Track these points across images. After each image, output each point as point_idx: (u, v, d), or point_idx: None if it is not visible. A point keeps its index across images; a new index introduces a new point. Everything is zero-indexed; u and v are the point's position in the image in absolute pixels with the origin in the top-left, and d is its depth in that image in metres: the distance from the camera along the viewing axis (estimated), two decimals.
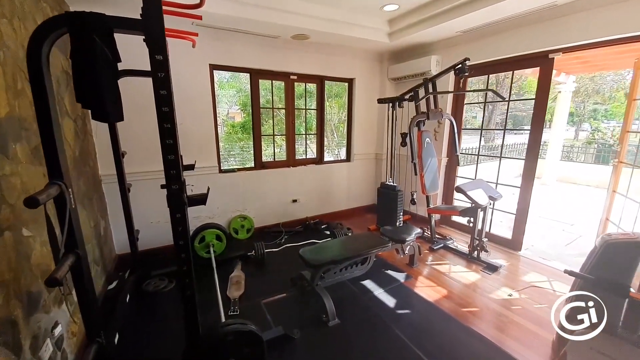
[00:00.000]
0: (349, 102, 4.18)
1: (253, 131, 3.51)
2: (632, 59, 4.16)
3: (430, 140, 3.34)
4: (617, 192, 2.95)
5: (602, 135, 13.95)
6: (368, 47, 3.77)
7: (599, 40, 2.37)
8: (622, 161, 2.95)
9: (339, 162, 4.25)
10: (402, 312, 2.21)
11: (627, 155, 2.97)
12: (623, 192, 2.90)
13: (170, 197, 1.29)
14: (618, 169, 2.97)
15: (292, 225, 3.81)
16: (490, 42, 3.07)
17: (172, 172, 1.26)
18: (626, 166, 2.99)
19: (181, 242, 1.34)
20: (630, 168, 2.98)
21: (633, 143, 2.91)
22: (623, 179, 2.95)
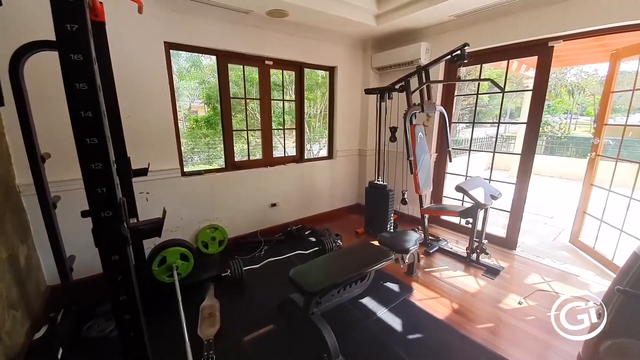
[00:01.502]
0: (331, 93, 3.77)
1: (222, 126, 2.96)
2: (603, 54, 4.28)
3: (422, 134, 3.06)
4: (594, 185, 2.92)
5: (551, 129, 15.06)
6: (352, 32, 3.38)
7: (605, 27, 2.20)
8: (599, 154, 2.91)
9: (320, 159, 3.84)
10: (413, 338, 1.88)
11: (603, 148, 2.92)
12: (599, 185, 2.88)
13: (98, 232, 0.79)
14: (595, 162, 2.93)
15: (272, 232, 3.34)
16: (485, 29, 2.84)
17: (99, 191, 0.76)
18: (603, 159, 2.96)
19: (123, 298, 0.86)
20: (606, 161, 2.96)
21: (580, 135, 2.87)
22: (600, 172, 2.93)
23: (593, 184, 2.94)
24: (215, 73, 2.93)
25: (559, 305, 1.24)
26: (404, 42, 3.42)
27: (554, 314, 1.56)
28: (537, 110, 2.79)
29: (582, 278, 2.57)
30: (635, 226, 2.50)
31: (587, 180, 2.98)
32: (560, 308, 1.56)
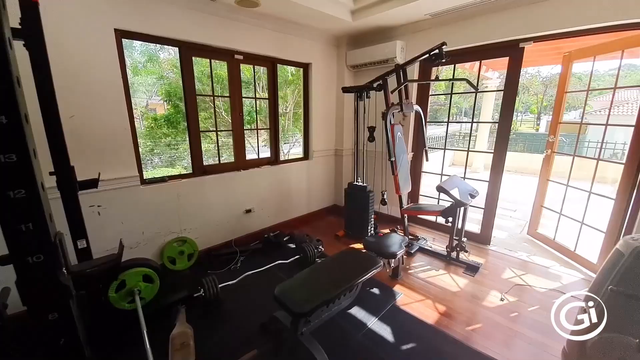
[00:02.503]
0: (305, 92, 3.60)
1: (188, 127, 2.65)
2: (555, 56, 4.62)
3: (401, 134, 3.02)
4: (550, 180, 3.09)
5: None
6: (327, 27, 3.24)
7: (574, 29, 2.30)
8: (554, 151, 3.10)
9: (296, 161, 3.66)
10: (407, 348, 1.80)
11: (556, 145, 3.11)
12: (555, 179, 3.05)
13: (25, 283, 0.56)
14: (551, 158, 3.12)
15: (247, 241, 3.10)
16: (459, 29, 2.86)
17: (22, 228, 0.53)
18: (558, 155, 3.17)
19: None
20: (561, 156, 3.17)
21: (526, 131, 3.12)
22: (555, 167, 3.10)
23: (549, 179, 3.11)
24: (176, 68, 2.61)
25: (558, 306, 1.22)
26: (379, 39, 3.36)
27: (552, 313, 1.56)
28: (508, 108, 2.87)
29: (552, 270, 2.71)
30: (595, 218, 2.68)
31: (543, 176, 3.14)
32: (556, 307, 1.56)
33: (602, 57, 2.61)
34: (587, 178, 2.74)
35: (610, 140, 8.36)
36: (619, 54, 2.38)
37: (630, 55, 2.69)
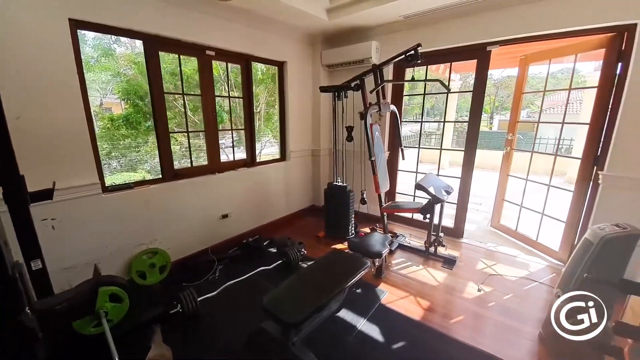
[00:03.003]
0: (281, 91, 3.51)
1: (156, 128, 2.44)
2: (510, 60, 4.98)
3: (379, 134, 3.05)
4: (510, 175, 3.31)
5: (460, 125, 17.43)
6: (303, 25, 3.17)
7: (537, 34, 2.46)
8: (513, 148, 3.36)
9: (273, 162, 3.55)
10: (398, 347, 1.81)
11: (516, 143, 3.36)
12: (515, 174, 3.27)
13: None
14: (510, 155, 3.36)
15: (225, 248, 2.94)
16: (432, 31, 2.95)
17: None
18: (517, 151, 3.42)
19: None
20: (520, 153, 3.42)
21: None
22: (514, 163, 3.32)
23: (509, 174, 3.33)
24: (135, 64, 2.40)
25: (559, 305, 1.26)
26: (354, 39, 3.37)
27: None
28: (477, 108, 3.03)
29: (519, 259, 2.90)
30: (554, 209, 2.92)
31: (503, 171, 3.35)
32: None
33: (556, 60, 2.85)
34: (540, 172, 2.97)
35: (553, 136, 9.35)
36: (573, 58, 2.61)
37: (583, 59, 2.95)
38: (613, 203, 2.24)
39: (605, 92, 2.29)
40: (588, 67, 6.09)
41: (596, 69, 5.89)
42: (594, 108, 2.40)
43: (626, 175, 2.15)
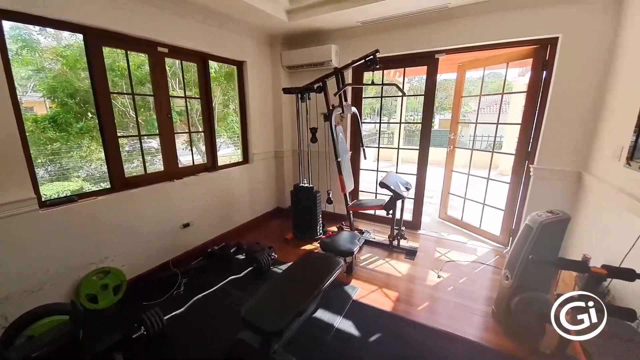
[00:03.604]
0: (241, 91, 3.38)
1: (102, 132, 2.17)
2: (450, 65, 5.49)
3: (342, 134, 3.14)
4: (454, 170, 3.65)
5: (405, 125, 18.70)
6: (263, 25, 3.10)
7: (477, 44, 2.76)
8: (456, 146, 3.74)
9: (236, 165, 3.41)
10: (374, 339, 1.90)
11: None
12: (458, 170, 3.62)
13: None
14: (453, 152, 3.73)
15: (188, 259, 2.75)
16: (387, 38, 3.11)
17: None
18: (459, 149, 3.82)
19: None
20: (461, 150, 3.81)
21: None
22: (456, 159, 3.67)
23: (453, 170, 3.66)
24: (62, 57, 2.12)
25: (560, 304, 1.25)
26: (314, 42, 3.40)
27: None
28: (429, 109, 3.29)
29: (468, 245, 3.24)
30: (493, 199, 3.32)
31: (448, 167, 3.67)
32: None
33: (490, 67, 3.23)
34: (477, 166, 3.36)
35: (485, 134, 10.58)
36: (504, 65, 2.99)
37: (511, 66, 3.38)
38: (543, 192, 2.63)
39: (533, 96, 2.67)
40: (513, 73, 7.02)
41: (520, 75, 6.83)
42: (524, 110, 2.79)
43: (552, 167, 2.55)
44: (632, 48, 1.93)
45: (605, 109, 2.21)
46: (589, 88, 2.29)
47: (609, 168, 2.02)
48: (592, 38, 2.22)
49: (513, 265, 1.90)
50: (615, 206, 1.85)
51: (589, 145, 2.36)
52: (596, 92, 2.27)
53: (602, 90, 2.24)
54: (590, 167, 2.32)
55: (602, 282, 1.39)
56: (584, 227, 2.25)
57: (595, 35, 2.21)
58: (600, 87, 2.25)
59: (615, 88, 2.09)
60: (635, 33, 1.91)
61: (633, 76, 1.84)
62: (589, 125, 2.34)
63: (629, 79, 1.91)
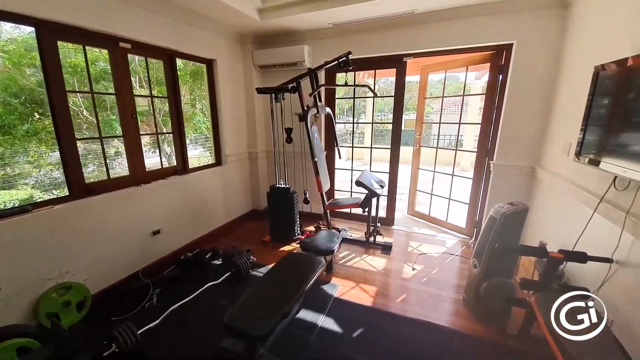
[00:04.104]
0: (211, 91, 3.27)
1: (58, 135, 1.98)
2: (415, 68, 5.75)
3: (317, 134, 3.17)
4: (420, 168, 3.86)
5: None
6: (233, 23, 3.02)
7: (440, 49, 2.94)
8: (421, 145, 3.95)
9: (208, 167, 3.29)
10: (357, 334, 1.95)
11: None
12: (424, 167, 3.82)
13: None
14: (418, 151, 3.93)
15: (160, 268, 2.60)
16: (358, 40, 3.18)
17: None
18: (424, 147, 4.02)
19: None
20: (426, 148, 4.00)
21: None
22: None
23: (419, 168, 3.85)
24: (3, 53, 1.90)
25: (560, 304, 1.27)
26: (287, 42, 3.38)
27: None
28: (398, 109, 3.43)
29: (438, 238, 3.44)
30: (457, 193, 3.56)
31: (414, 165, 3.85)
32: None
33: (451, 70, 3.44)
34: (440, 163, 3.58)
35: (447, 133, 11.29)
36: (464, 69, 3.21)
37: (472, 70, 3.64)
38: (502, 186, 2.87)
39: (491, 98, 2.90)
40: (470, 77, 7.53)
41: (476, 78, 7.35)
42: (483, 111, 3.02)
43: (510, 163, 2.79)
44: (576, 53, 2.17)
45: (554, 109, 2.47)
46: (540, 90, 2.55)
47: (559, 162, 2.26)
48: (543, 44, 2.47)
49: (480, 254, 2.05)
50: (566, 196, 2.08)
51: (541, 142, 2.62)
52: (547, 93, 2.53)
53: (551, 92, 2.50)
54: (543, 162, 2.58)
55: (559, 266, 1.55)
56: (540, 216, 2.49)
57: (545, 41, 2.45)
58: (550, 89, 2.51)
59: (563, 90, 2.34)
60: (579, 38, 2.16)
61: (577, 78, 2.07)
62: (541, 124, 2.60)
63: (574, 81, 2.15)
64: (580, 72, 2.02)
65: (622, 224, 1.44)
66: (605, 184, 1.59)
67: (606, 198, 1.58)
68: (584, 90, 1.70)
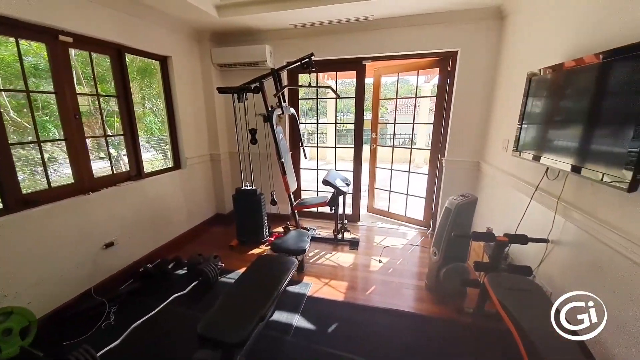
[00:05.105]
0: (167, 90, 3.07)
1: None
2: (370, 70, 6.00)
3: (282, 135, 3.16)
4: (378, 167, 4.06)
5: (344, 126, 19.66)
6: (189, 19, 2.87)
7: (397, 54, 3.12)
8: (378, 145, 4.16)
9: (166, 171, 3.08)
10: (332, 330, 2.00)
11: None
12: (381, 166, 4.04)
13: None
14: (375, 150, 4.12)
15: (116, 283, 2.38)
16: (320, 42, 3.23)
17: None
18: (380, 147, 4.22)
19: None
20: (382, 147, 4.19)
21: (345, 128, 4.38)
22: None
23: (377, 167, 4.03)
24: None
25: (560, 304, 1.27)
26: (248, 41, 3.31)
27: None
28: (360, 110, 3.57)
29: (400, 230, 3.66)
30: (414, 188, 3.82)
31: (372, 165, 4.02)
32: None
33: (403, 74, 3.67)
34: (396, 160, 3.80)
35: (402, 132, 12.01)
36: (416, 73, 3.46)
37: (422, 74, 3.93)
38: (453, 179, 3.16)
39: (441, 100, 3.17)
40: (420, 80, 8.10)
41: (425, 82, 7.92)
42: (435, 112, 3.29)
43: (459, 159, 3.08)
44: (512, 60, 2.48)
45: (495, 110, 2.78)
46: (482, 93, 2.86)
47: (500, 157, 2.57)
48: (483, 51, 2.77)
49: (438, 242, 2.24)
50: (507, 187, 2.37)
51: (484, 139, 2.94)
52: (487, 95, 2.84)
53: (492, 95, 2.82)
54: (487, 157, 2.89)
55: (505, 248, 1.77)
56: (487, 205, 2.80)
57: (485, 49, 2.76)
58: (490, 92, 2.83)
59: (501, 93, 2.65)
60: (514, 47, 2.46)
61: (513, 83, 2.37)
62: (483, 123, 2.92)
63: (510, 85, 2.45)
64: (516, 77, 2.31)
65: (554, 209, 1.70)
66: (539, 175, 1.85)
67: (540, 187, 1.85)
68: (519, 93, 1.96)
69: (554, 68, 1.65)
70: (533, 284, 1.65)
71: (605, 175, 1.24)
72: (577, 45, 1.62)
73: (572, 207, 1.60)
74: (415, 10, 2.74)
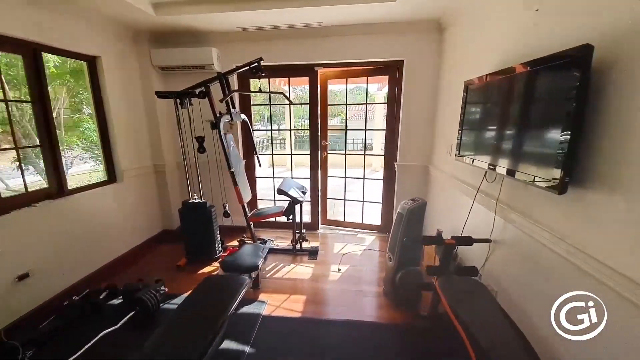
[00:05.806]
0: (96, 94, 2.73)
1: None
2: None
3: (233, 143, 2.99)
4: (330, 176, 3.90)
5: None
6: (121, 16, 2.59)
7: (347, 61, 3.16)
8: (328, 152, 4.10)
9: (96, 186, 2.71)
10: (292, 348, 1.88)
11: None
12: (334, 174, 3.88)
13: None
14: (326, 158, 4.06)
15: (32, 323, 1.99)
16: (270, 47, 3.13)
17: None
18: (331, 154, 4.15)
19: None
20: (336, 155, 4.15)
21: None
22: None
23: (329, 175, 3.85)
24: None
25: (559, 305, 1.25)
26: (193, 42, 3.10)
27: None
28: (314, 117, 3.53)
29: (359, 236, 3.67)
30: (370, 194, 3.88)
31: (322, 173, 3.81)
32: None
33: (352, 80, 3.70)
34: (351, 166, 3.79)
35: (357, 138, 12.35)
36: (365, 80, 3.53)
37: (372, 81, 4.03)
38: (406, 184, 3.26)
39: (392, 106, 3.27)
40: (373, 88, 8.41)
41: (378, 89, 8.25)
42: (387, 118, 3.37)
43: (410, 163, 3.20)
44: (451, 69, 2.62)
45: (438, 117, 2.93)
46: (427, 100, 3.00)
47: (445, 161, 2.69)
48: (426, 61, 2.91)
49: (393, 247, 2.26)
50: (452, 189, 2.48)
51: (431, 144, 3.08)
52: (432, 103, 2.99)
53: (435, 102, 2.97)
54: (434, 161, 3.03)
55: (453, 250, 1.82)
56: (435, 207, 2.92)
57: (427, 59, 2.90)
58: (434, 99, 2.97)
59: (443, 101, 2.80)
60: (453, 57, 2.62)
61: (453, 91, 2.50)
62: (430, 129, 3.06)
63: (451, 93, 2.59)
64: (456, 85, 2.44)
65: (494, 210, 1.79)
66: (480, 177, 1.95)
67: (481, 189, 1.95)
68: (459, 100, 2.06)
69: (487, 77, 1.75)
70: (479, 284, 1.71)
71: (536, 178, 1.31)
72: (507, 55, 1.74)
73: (509, 208, 1.70)
74: (362, 19, 2.79)
